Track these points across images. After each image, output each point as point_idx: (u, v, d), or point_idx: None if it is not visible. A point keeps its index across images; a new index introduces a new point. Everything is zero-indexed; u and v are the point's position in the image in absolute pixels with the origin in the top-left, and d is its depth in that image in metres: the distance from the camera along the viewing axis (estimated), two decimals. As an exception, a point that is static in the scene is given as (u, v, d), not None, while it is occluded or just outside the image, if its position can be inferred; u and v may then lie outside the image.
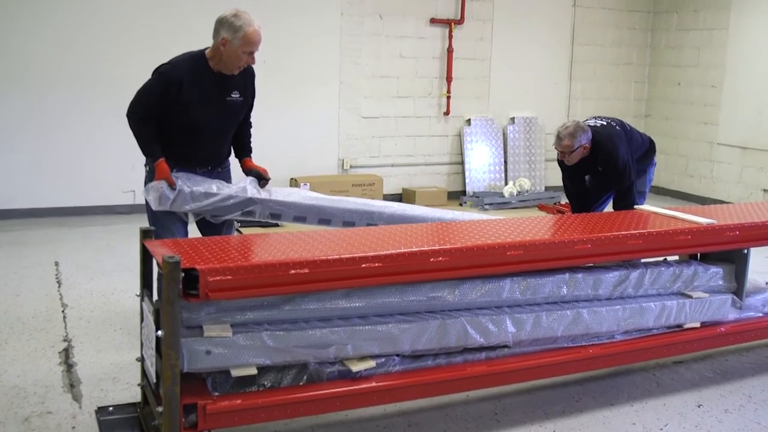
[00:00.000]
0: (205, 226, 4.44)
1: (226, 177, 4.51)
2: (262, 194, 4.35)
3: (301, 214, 4.45)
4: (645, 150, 5.60)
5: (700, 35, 9.95)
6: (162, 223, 4.22)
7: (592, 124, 5.34)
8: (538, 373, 3.73)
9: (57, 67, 7.53)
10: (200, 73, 4.15)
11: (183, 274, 2.79)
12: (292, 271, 2.97)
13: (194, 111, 4.16)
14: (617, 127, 5.39)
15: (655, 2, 10.61)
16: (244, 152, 4.59)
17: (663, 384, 4.14)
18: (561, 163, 5.39)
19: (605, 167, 5.27)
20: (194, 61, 4.16)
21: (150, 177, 4.28)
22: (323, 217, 4.47)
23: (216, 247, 3.19)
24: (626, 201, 5.26)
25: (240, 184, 4.33)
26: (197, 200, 4.20)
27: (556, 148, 5.27)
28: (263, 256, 3.12)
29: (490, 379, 3.56)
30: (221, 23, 4.05)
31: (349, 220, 4.50)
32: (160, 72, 4.17)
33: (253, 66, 4.31)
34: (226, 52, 4.05)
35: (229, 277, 2.86)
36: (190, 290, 2.83)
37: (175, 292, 2.77)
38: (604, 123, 5.42)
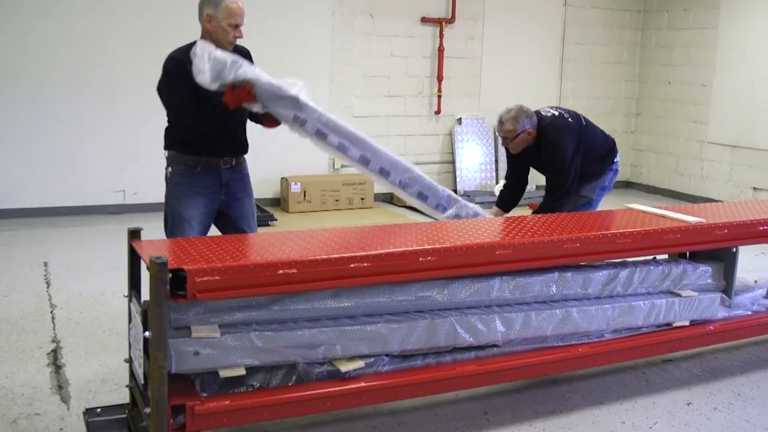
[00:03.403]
0: (224, 224, 4.37)
1: (245, 175, 4.40)
2: (311, 104, 4.09)
3: (347, 141, 4.18)
4: (605, 151, 5.19)
5: (690, 34, 9.98)
6: (182, 214, 4.19)
7: (543, 113, 5.05)
8: (528, 372, 3.73)
9: (47, 66, 7.51)
10: None
11: (170, 275, 2.78)
12: (281, 271, 2.96)
13: (211, 95, 4.05)
14: (570, 119, 5.05)
15: (645, 1, 10.64)
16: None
17: (652, 382, 4.15)
18: (507, 149, 5.16)
19: (547, 157, 4.98)
20: (190, 47, 4.07)
21: (171, 181, 4.27)
22: (365, 153, 4.24)
23: (204, 247, 3.17)
24: (553, 201, 4.97)
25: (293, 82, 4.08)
26: (250, 74, 3.91)
27: (497, 133, 5.03)
28: (251, 256, 3.11)
29: (479, 379, 3.56)
30: (203, 3, 4.05)
31: (387, 169, 4.34)
32: (169, 57, 4.13)
33: (249, 49, 4.30)
34: (212, 28, 4.02)
35: (216, 278, 2.84)
36: (178, 291, 2.81)
37: (163, 293, 2.76)
38: (556, 113, 5.08)
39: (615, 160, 5.22)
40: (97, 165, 7.81)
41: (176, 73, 4.04)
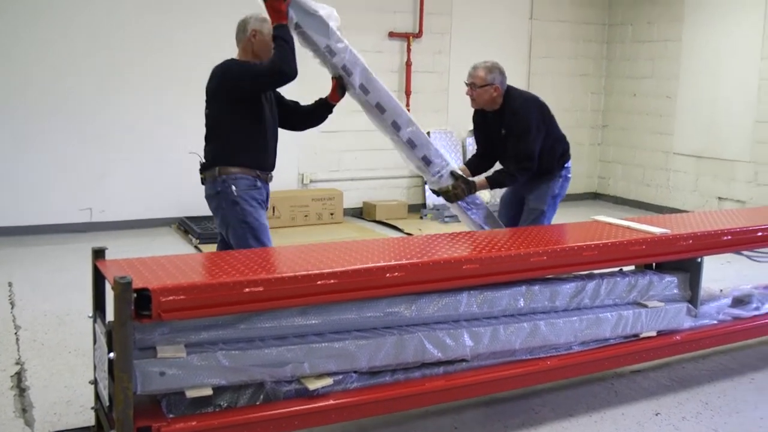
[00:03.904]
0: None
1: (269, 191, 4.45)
2: (338, 34, 4.29)
3: (368, 85, 4.42)
4: (561, 150, 5.05)
5: (654, 47, 10.11)
6: (261, 221, 4.22)
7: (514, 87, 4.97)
8: (497, 386, 3.73)
9: (12, 85, 7.43)
10: None
11: (135, 295, 2.75)
12: (247, 290, 2.94)
13: (262, 108, 4.25)
14: (540, 100, 5.00)
15: (610, 15, 10.76)
16: (315, 103, 4.65)
17: (621, 393, 4.17)
18: (474, 117, 5.14)
19: (509, 128, 4.84)
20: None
21: (240, 197, 4.20)
22: (382, 102, 4.49)
23: (170, 266, 3.15)
24: (509, 169, 4.84)
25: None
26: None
27: (466, 82, 4.90)
28: (218, 274, 3.08)
29: (448, 394, 3.56)
30: (245, 22, 4.25)
31: (399, 124, 4.55)
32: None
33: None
34: (258, 42, 4.21)
35: (182, 297, 2.82)
36: (143, 311, 2.78)
37: (127, 314, 2.73)
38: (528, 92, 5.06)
39: (567, 165, 5.10)
40: (63, 183, 7.72)
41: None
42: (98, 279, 3.24)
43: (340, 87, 4.45)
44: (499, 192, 6.47)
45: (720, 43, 9.16)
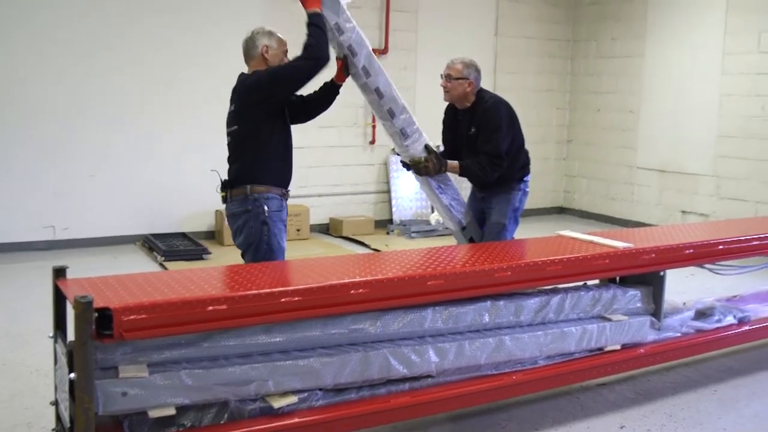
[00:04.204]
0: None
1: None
2: (348, 13, 4.38)
3: (370, 69, 4.53)
4: (523, 160, 5.05)
5: (618, 63, 10.24)
6: (282, 248, 4.29)
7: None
8: (463, 401, 3.73)
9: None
10: None
11: (96, 314, 2.72)
12: (210, 308, 2.92)
13: (285, 120, 4.34)
14: (510, 105, 4.96)
15: (575, 31, 10.89)
16: (321, 88, 4.63)
17: (586, 407, 4.19)
18: (444, 118, 5.16)
19: (479, 126, 4.85)
20: None
21: (270, 218, 4.24)
22: (381, 87, 4.60)
23: (132, 284, 3.12)
24: (482, 162, 4.78)
25: None
26: None
27: (442, 74, 4.93)
28: (180, 292, 3.05)
29: (414, 410, 3.55)
30: (255, 37, 4.30)
31: (395, 111, 4.63)
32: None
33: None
34: (271, 57, 4.27)
35: (144, 316, 2.79)
36: (104, 330, 2.75)
37: (88, 333, 2.69)
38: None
39: (526, 179, 5.09)
40: (24, 200, 7.62)
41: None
42: (59, 298, 3.20)
43: (345, 67, 4.50)
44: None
45: (681, 59, 9.30)
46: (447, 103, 5.09)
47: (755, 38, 8.40)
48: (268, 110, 4.19)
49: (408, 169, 4.84)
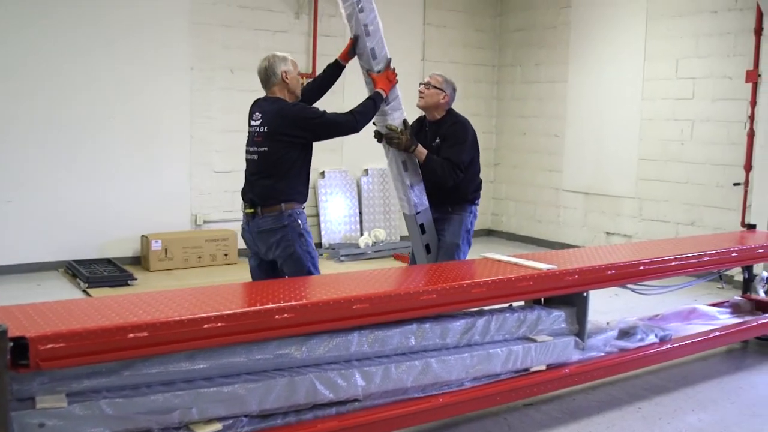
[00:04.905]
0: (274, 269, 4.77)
1: None
2: (375, 6, 4.81)
3: (378, 53, 4.93)
4: (477, 183, 5.29)
5: (542, 88, 10.45)
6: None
7: None
8: (390, 425, 3.71)
9: None
10: None
11: (11, 344, 2.64)
12: (131, 335, 2.86)
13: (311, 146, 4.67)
14: (476, 135, 5.30)
15: (500, 56, 11.08)
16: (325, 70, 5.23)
17: (514, 427, 4.23)
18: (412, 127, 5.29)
19: (444, 137, 5.09)
20: None
21: (303, 232, 4.59)
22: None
23: (50, 312, 3.04)
24: (441, 163, 4.95)
25: None
26: None
27: (422, 81, 5.39)
28: (100, 320, 2.98)
29: (341, 435, 3.53)
30: (272, 65, 4.64)
31: (389, 97, 4.99)
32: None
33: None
34: (291, 81, 4.66)
35: (61, 345, 2.72)
36: (21, 360, 2.67)
37: (3, 364, 2.61)
38: None
39: (477, 202, 5.29)
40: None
41: None
42: (-27, 328, 3.09)
43: (352, 48, 4.91)
44: (402, 227, 6.48)
45: (604, 84, 9.55)
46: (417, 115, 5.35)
47: (673, 65, 8.68)
48: (304, 142, 4.57)
49: (379, 141, 5.06)
